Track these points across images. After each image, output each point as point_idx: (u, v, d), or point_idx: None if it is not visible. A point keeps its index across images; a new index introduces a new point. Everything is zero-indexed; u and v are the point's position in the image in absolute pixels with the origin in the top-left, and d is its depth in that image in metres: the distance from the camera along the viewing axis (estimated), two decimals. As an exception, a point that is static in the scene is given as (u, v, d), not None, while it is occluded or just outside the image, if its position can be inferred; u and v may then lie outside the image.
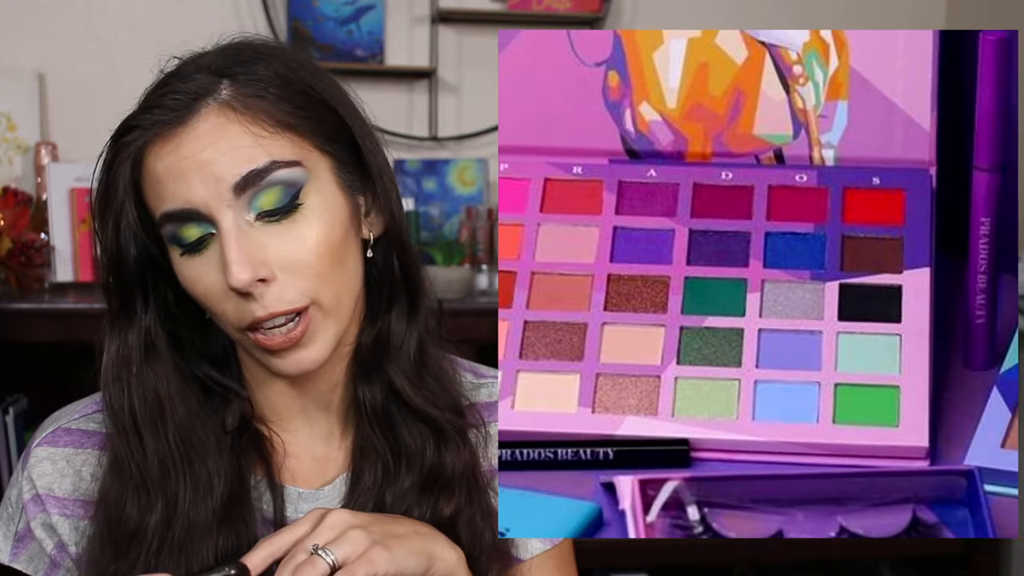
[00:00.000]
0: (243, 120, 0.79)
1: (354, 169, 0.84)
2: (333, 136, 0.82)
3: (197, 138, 0.78)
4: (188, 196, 0.78)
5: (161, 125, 0.79)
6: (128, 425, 0.82)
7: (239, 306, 0.80)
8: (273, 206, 0.79)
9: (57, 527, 0.87)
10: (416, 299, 0.87)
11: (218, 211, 0.78)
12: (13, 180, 2.22)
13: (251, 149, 0.78)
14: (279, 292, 0.79)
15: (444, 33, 2.46)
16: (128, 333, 0.83)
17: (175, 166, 0.78)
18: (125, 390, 0.83)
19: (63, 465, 0.87)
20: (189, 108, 0.79)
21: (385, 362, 0.86)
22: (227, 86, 0.80)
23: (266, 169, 0.78)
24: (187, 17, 2.33)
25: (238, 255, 0.78)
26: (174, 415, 0.83)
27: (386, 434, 0.87)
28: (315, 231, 0.80)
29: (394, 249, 0.86)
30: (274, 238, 0.79)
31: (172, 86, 0.80)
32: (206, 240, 0.80)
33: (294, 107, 0.80)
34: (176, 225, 0.79)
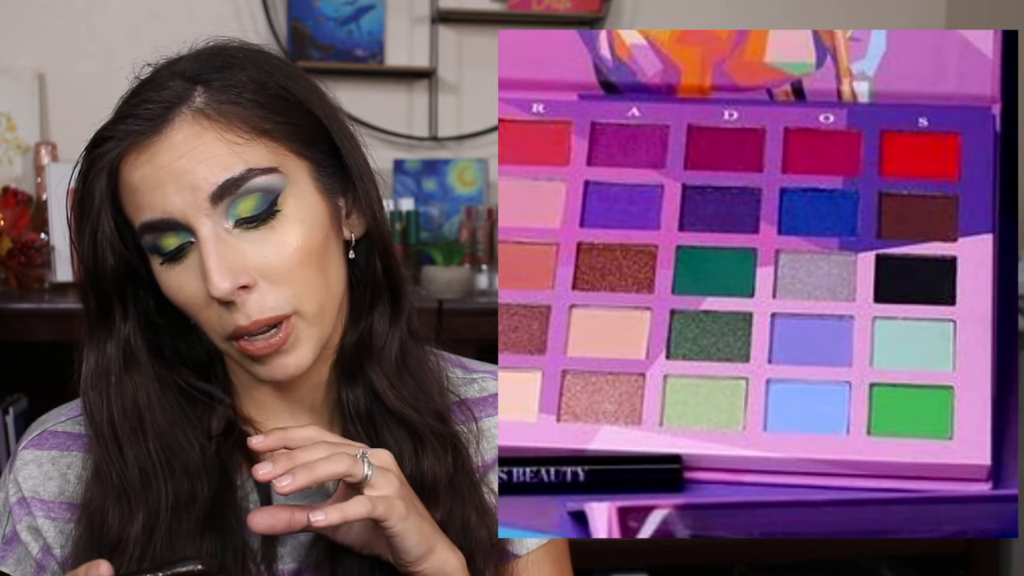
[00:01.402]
0: (218, 127, 0.85)
1: (333, 171, 0.90)
2: (310, 139, 0.89)
3: (172, 147, 0.84)
4: (165, 206, 0.84)
5: (135, 135, 0.85)
6: (108, 435, 0.89)
7: (221, 315, 0.86)
8: (251, 213, 0.85)
9: (43, 530, 0.92)
10: (398, 299, 0.94)
11: (196, 220, 0.84)
12: (13, 180, 2.36)
13: (227, 157, 0.84)
14: (261, 299, 0.85)
15: (444, 33, 2.62)
16: (107, 343, 0.89)
17: (151, 176, 0.84)
18: (104, 400, 0.89)
19: (49, 468, 0.93)
20: (163, 117, 0.85)
21: (367, 363, 0.93)
22: (201, 93, 0.86)
23: (242, 177, 0.84)
24: (187, 17, 2.50)
25: (218, 263, 0.83)
26: (154, 424, 0.89)
27: (370, 436, 0.93)
28: (294, 236, 0.86)
29: (376, 250, 0.93)
30: (253, 244, 0.85)
31: (145, 95, 0.86)
32: (185, 248, 0.85)
33: (269, 112, 0.86)
34: (155, 235, 0.85)
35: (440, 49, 2.60)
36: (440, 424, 0.94)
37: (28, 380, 2.19)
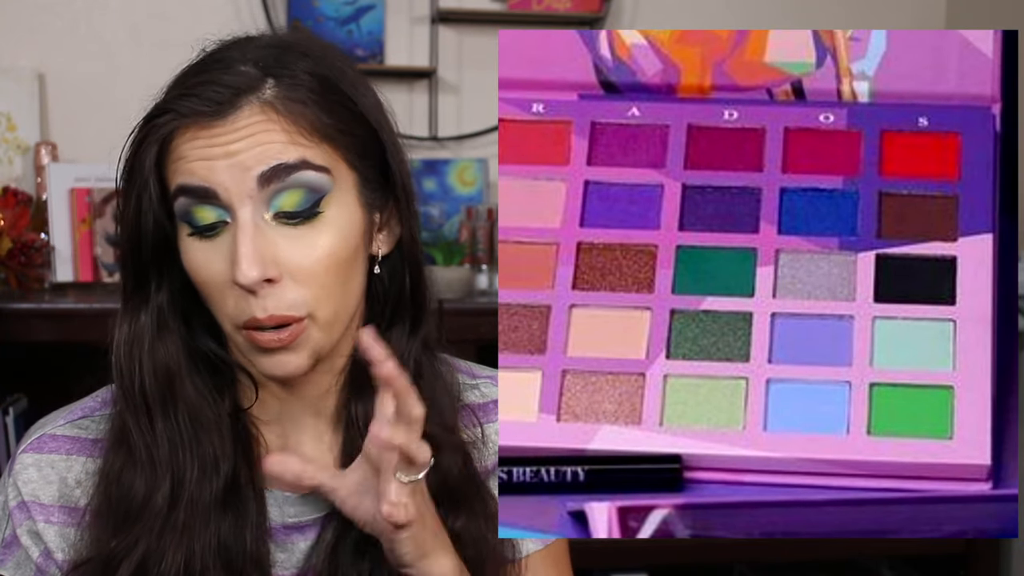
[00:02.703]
0: (283, 122, 0.85)
1: (377, 186, 0.91)
2: (363, 152, 0.89)
3: (234, 130, 0.84)
4: (210, 176, 0.84)
5: (199, 116, 0.85)
6: (139, 403, 0.89)
7: (239, 302, 0.86)
8: (293, 208, 0.85)
9: (43, 534, 0.92)
10: (420, 317, 0.95)
11: (238, 201, 0.84)
12: (13, 180, 2.36)
13: (284, 147, 0.85)
14: (281, 295, 0.86)
15: (444, 33, 2.61)
16: (142, 311, 0.90)
17: (204, 150, 0.85)
18: (137, 366, 0.89)
19: (48, 472, 0.93)
20: (231, 103, 0.85)
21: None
22: (271, 86, 0.86)
23: (295, 166, 0.85)
24: (187, 17, 2.49)
25: (251, 251, 0.84)
26: (183, 392, 0.90)
27: None
28: (329, 241, 0.87)
29: (408, 269, 0.93)
30: (288, 240, 0.86)
31: (214, 75, 0.86)
32: (218, 227, 0.86)
33: (333, 119, 0.87)
34: (191, 201, 0.85)
35: (440, 49, 2.60)
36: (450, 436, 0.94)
37: (28, 380, 2.20)
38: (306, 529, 0.92)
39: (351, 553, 0.90)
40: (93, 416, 0.94)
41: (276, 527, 0.92)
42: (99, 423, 0.93)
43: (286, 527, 0.92)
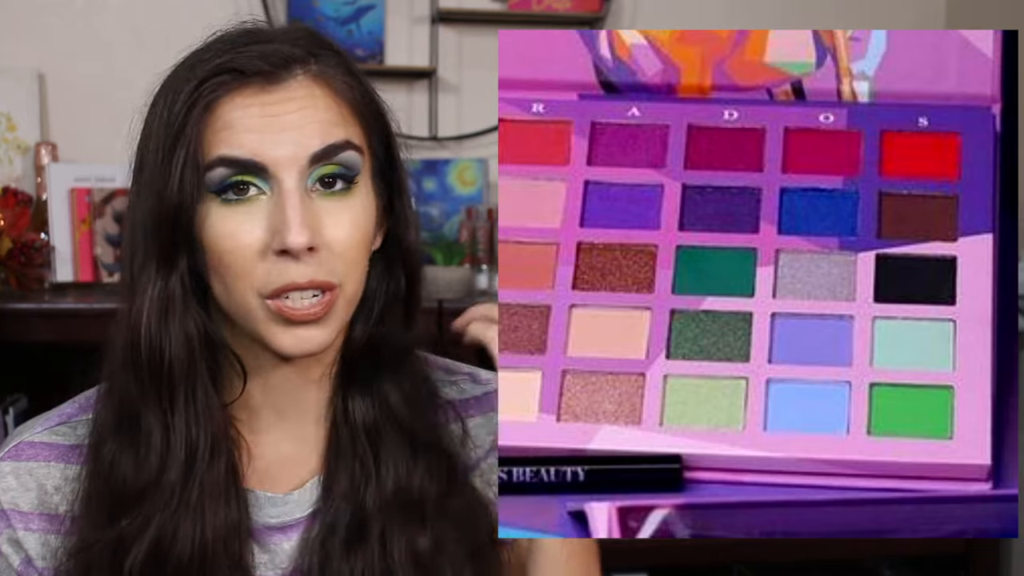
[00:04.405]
0: (332, 95, 0.87)
1: (384, 178, 0.93)
2: (379, 143, 0.92)
3: (289, 99, 0.85)
4: (259, 149, 0.85)
5: (259, 75, 0.85)
6: (164, 371, 0.87)
7: (274, 268, 0.85)
8: (332, 183, 0.87)
9: (23, 542, 0.92)
10: (413, 315, 0.95)
11: (286, 172, 0.85)
12: (13, 180, 2.37)
13: (335, 125, 0.87)
14: (320, 262, 0.86)
15: (444, 33, 2.62)
16: (171, 276, 0.88)
17: (255, 120, 0.85)
18: (165, 332, 0.87)
19: (27, 479, 0.93)
20: (286, 67, 0.86)
21: (380, 375, 0.94)
22: (316, 62, 0.88)
23: (342, 146, 0.87)
24: (187, 17, 2.48)
25: (301, 216, 0.84)
26: (201, 367, 0.89)
27: (373, 446, 0.93)
28: (360, 217, 0.88)
29: (402, 265, 0.94)
30: (328, 211, 0.87)
31: (257, 47, 0.86)
32: (253, 197, 0.86)
33: (364, 102, 0.90)
34: (230, 171, 0.85)
35: (440, 49, 2.60)
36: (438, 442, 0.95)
37: (28, 380, 2.20)
38: (288, 530, 0.92)
39: (341, 550, 0.90)
40: (71, 422, 0.93)
41: (258, 528, 0.91)
42: (76, 428, 0.92)
43: (268, 528, 0.92)
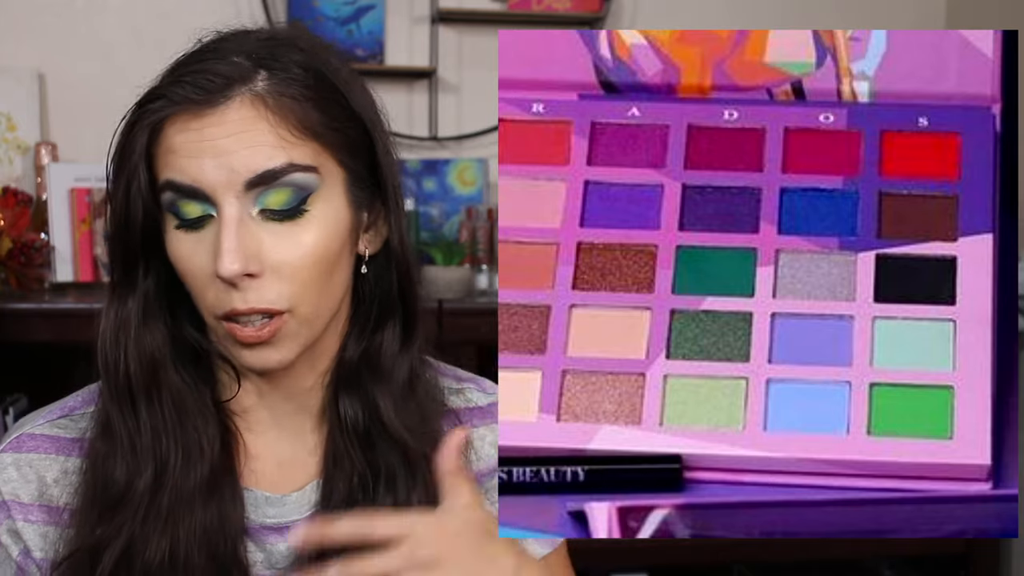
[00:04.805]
0: (272, 119, 0.85)
1: (366, 185, 0.91)
2: (354, 150, 0.90)
3: (223, 123, 0.84)
4: (198, 175, 0.85)
5: (190, 103, 0.85)
6: (123, 389, 0.89)
7: (219, 294, 0.86)
8: (279, 206, 0.86)
9: (23, 533, 0.92)
10: (411, 321, 0.95)
11: (224, 198, 0.85)
12: (13, 180, 2.38)
13: (272, 149, 0.85)
14: (261, 289, 0.86)
15: (444, 33, 2.64)
16: (128, 298, 0.90)
17: (193, 144, 0.85)
18: (122, 353, 0.89)
19: (27, 471, 0.93)
20: (222, 92, 0.85)
21: (372, 381, 0.94)
22: (264, 78, 0.86)
23: (283, 170, 0.85)
24: (187, 17, 2.47)
25: (234, 245, 0.84)
26: (167, 380, 0.90)
27: (365, 452, 0.93)
28: (313, 239, 0.87)
29: (395, 269, 0.94)
30: (272, 236, 0.86)
31: (207, 64, 0.86)
32: (204, 220, 0.86)
33: (324, 116, 0.87)
34: (177, 196, 0.86)
35: (440, 49, 2.61)
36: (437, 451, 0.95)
37: (28, 380, 2.21)
38: (285, 531, 0.92)
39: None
40: (73, 415, 0.94)
41: (254, 527, 0.92)
42: (79, 422, 0.93)
43: (265, 527, 0.92)
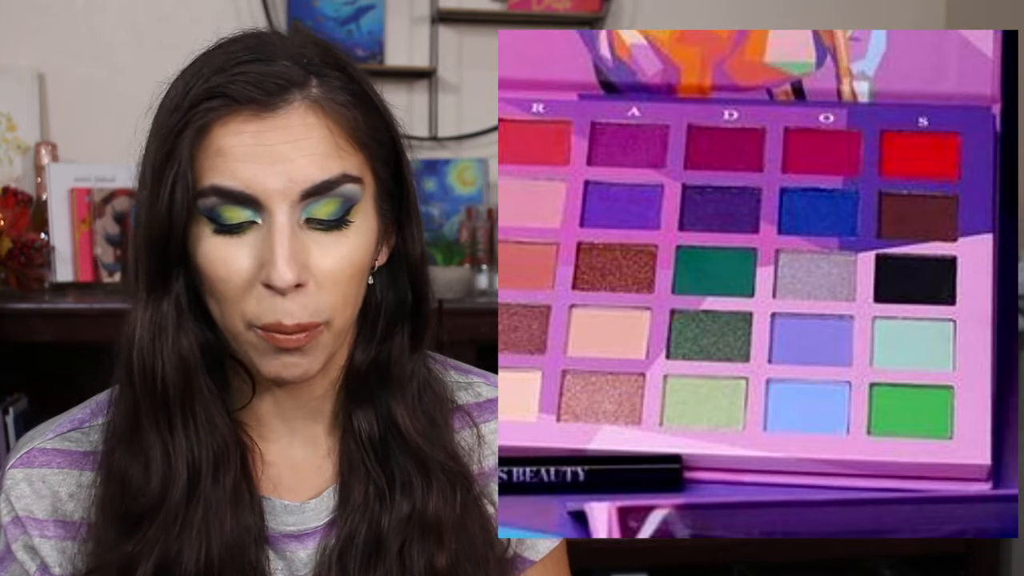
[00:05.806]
0: (329, 125, 0.84)
1: (388, 197, 0.91)
2: (385, 162, 0.89)
3: (284, 129, 0.83)
4: (250, 181, 0.83)
5: (254, 103, 0.83)
6: (158, 394, 0.87)
7: (262, 302, 0.84)
8: (327, 216, 0.85)
9: (39, 549, 0.92)
10: (421, 330, 0.94)
11: (278, 206, 0.83)
12: (13, 180, 2.37)
13: (328, 158, 0.84)
14: (307, 301, 0.85)
15: (444, 33, 2.62)
16: (164, 300, 0.87)
17: (249, 149, 0.83)
18: (159, 357, 0.87)
19: (40, 486, 0.92)
20: (281, 96, 0.83)
21: (385, 390, 0.93)
22: (316, 84, 0.85)
23: (336, 181, 0.84)
24: (187, 17, 2.51)
25: (289, 253, 0.83)
26: (199, 387, 0.89)
27: (380, 462, 0.93)
28: (354, 250, 0.86)
29: (409, 279, 0.93)
30: (319, 247, 0.85)
31: (259, 66, 0.84)
32: (245, 226, 0.84)
33: (368, 127, 0.87)
34: (222, 202, 0.84)
35: (440, 49, 2.60)
36: (452, 462, 0.94)
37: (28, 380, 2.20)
38: (304, 538, 0.92)
39: (361, 561, 0.90)
40: (82, 428, 0.93)
41: (274, 535, 0.91)
42: (89, 435, 0.92)
43: (284, 535, 0.92)
